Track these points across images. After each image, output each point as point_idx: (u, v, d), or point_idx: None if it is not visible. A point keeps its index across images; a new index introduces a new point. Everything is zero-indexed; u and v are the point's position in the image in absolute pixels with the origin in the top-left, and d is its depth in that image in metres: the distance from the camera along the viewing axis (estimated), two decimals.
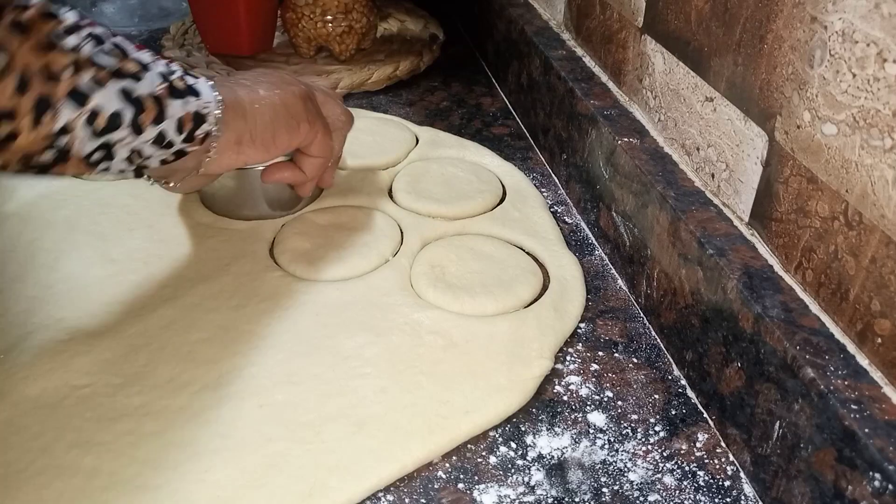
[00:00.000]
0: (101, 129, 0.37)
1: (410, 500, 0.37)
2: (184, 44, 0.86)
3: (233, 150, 0.45)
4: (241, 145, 0.46)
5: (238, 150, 0.46)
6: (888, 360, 0.32)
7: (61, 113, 0.35)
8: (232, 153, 0.45)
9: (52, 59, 0.35)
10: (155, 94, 0.39)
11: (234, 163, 0.47)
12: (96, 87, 0.37)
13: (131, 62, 0.39)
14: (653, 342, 0.47)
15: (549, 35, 0.69)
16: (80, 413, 0.40)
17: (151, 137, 0.40)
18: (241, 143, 0.45)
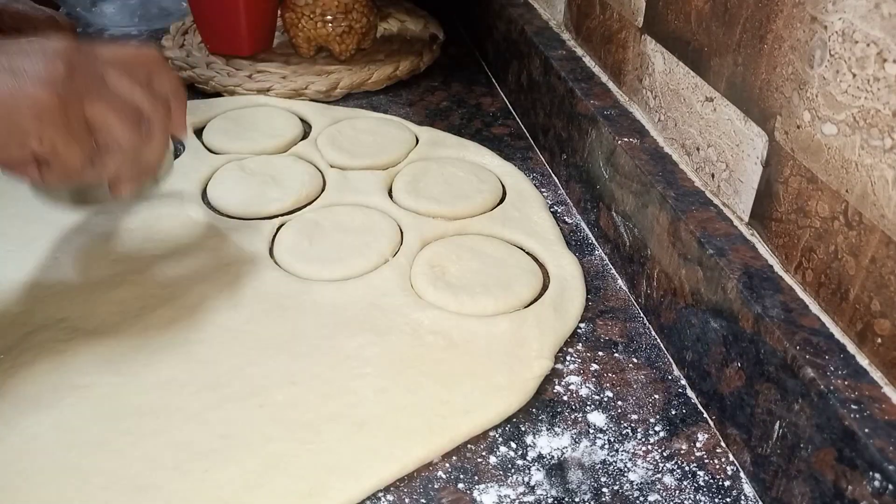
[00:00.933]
0: None
1: (410, 500, 0.37)
2: (184, 44, 0.86)
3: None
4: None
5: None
6: (888, 360, 0.32)
7: None
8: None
9: None
10: None
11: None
12: None
13: None
14: (653, 342, 0.47)
15: (549, 35, 0.69)
16: (80, 413, 0.40)
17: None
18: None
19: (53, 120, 0.37)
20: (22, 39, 0.40)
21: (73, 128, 0.38)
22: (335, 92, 0.76)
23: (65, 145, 0.38)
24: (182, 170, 0.62)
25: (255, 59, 0.83)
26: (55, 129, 0.38)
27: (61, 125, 0.38)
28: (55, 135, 0.38)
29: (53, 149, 0.38)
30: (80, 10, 0.94)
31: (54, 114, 0.37)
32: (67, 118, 0.38)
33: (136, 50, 0.43)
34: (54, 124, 0.37)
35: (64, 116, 0.38)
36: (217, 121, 0.69)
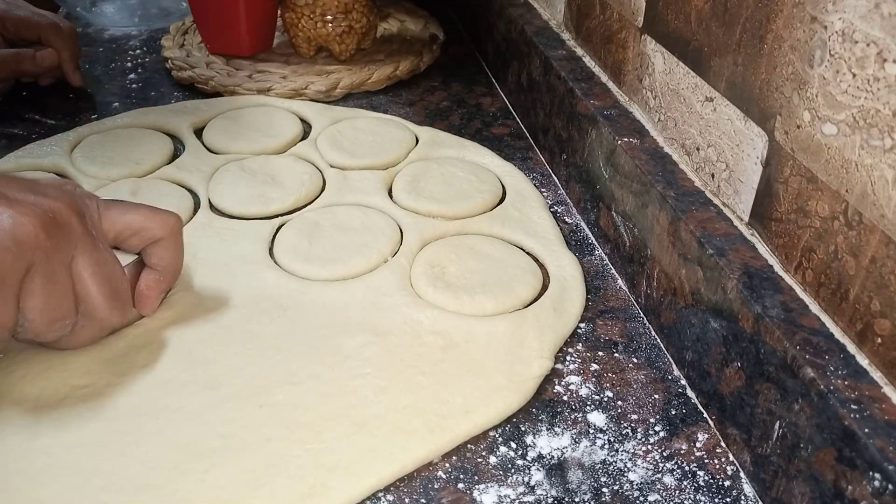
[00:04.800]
0: None
1: (410, 500, 0.37)
2: (183, 44, 0.86)
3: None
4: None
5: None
6: (888, 360, 0.32)
7: None
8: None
9: None
10: None
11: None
12: None
13: None
14: (653, 342, 0.47)
15: (549, 35, 0.69)
16: (80, 413, 0.40)
17: None
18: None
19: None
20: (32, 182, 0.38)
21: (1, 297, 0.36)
22: (335, 92, 0.76)
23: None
24: (182, 170, 0.62)
25: (255, 59, 0.83)
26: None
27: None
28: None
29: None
30: (80, 10, 0.94)
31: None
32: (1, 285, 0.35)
33: (148, 219, 0.42)
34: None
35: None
36: (217, 121, 0.69)
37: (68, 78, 0.76)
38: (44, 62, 0.74)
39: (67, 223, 0.37)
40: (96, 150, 0.64)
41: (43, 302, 0.37)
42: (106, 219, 0.41)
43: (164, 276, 0.44)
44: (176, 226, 0.43)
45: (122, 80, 0.81)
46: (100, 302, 0.39)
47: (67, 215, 0.38)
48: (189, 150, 0.65)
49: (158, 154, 0.64)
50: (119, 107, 0.74)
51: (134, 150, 0.64)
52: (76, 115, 0.73)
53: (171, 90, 0.79)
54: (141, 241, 0.42)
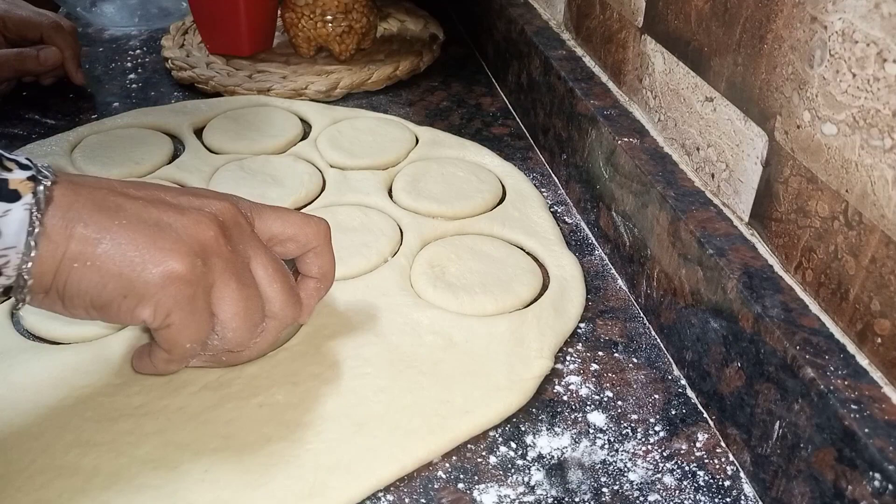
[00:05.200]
0: None
1: (410, 500, 0.37)
2: (183, 44, 0.86)
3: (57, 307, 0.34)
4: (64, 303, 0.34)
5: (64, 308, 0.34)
6: (888, 360, 0.32)
7: None
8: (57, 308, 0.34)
9: None
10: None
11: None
12: None
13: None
14: (653, 342, 0.47)
15: (549, 35, 0.69)
16: (80, 413, 0.40)
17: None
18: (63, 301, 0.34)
19: (178, 294, 0.33)
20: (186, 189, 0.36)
21: (196, 307, 0.34)
22: (335, 92, 0.76)
23: (180, 325, 0.34)
24: (182, 170, 0.62)
25: (255, 59, 0.83)
26: (175, 304, 0.33)
27: (184, 302, 0.34)
28: (174, 310, 0.34)
29: (166, 324, 0.34)
30: (80, 10, 0.94)
31: (182, 288, 0.33)
32: (194, 296, 0.34)
33: (304, 225, 0.40)
34: (176, 299, 0.33)
35: (191, 293, 0.34)
36: (217, 121, 0.69)
37: (71, 77, 0.76)
38: (47, 61, 0.74)
39: (238, 224, 0.36)
40: (96, 150, 0.64)
41: (242, 308, 0.35)
42: (259, 222, 0.39)
43: (322, 283, 0.42)
44: (329, 233, 0.42)
45: (122, 80, 0.81)
46: (283, 300, 0.38)
47: (235, 216, 0.37)
48: (189, 150, 0.65)
49: (158, 154, 0.64)
50: (119, 107, 0.74)
51: (134, 150, 0.64)
52: (76, 115, 0.73)
53: (171, 90, 0.79)
54: (297, 247, 0.40)
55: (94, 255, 0.32)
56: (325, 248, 0.41)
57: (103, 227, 0.32)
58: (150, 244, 0.33)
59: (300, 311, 0.40)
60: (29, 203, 0.31)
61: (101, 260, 0.32)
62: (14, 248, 0.31)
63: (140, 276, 0.33)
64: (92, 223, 0.32)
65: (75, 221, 0.32)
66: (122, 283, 0.33)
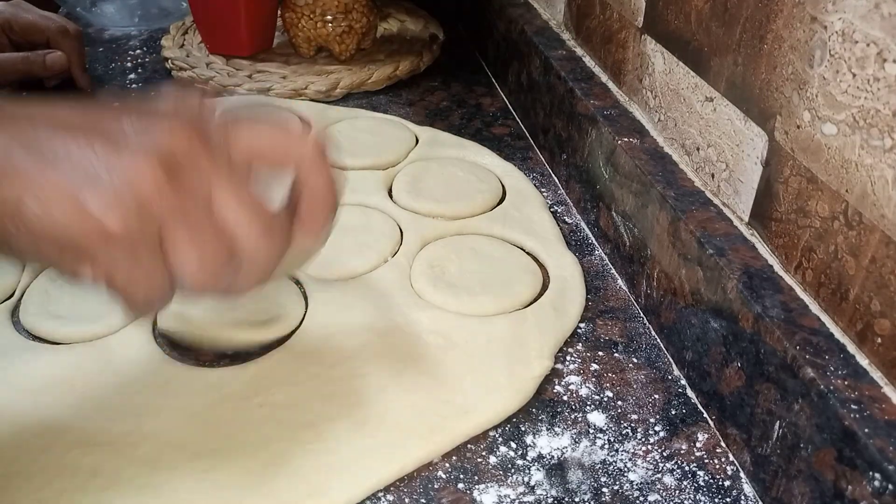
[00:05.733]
0: None
1: (410, 500, 0.37)
2: (183, 44, 0.86)
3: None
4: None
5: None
6: (888, 360, 0.32)
7: None
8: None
9: None
10: None
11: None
12: None
13: None
14: (653, 342, 0.47)
15: (549, 35, 0.69)
16: (80, 413, 0.40)
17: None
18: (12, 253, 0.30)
19: (114, 253, 0.30)
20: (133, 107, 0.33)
21: (139, 263, 0.30)
22: (335, 92, 0.76)
23: (125, 283, 0.31)
24: None
25: (255, 59, 0.83)
26: (113, 263, 0.30)
27: (122, 260, 0.30)
28: (113, 270, 0.30)
29: (109, 279, 0.31)
30: (80, 10, 0.94)
31: (116, 246, 0.30)
32: (134, 252, 0.30)
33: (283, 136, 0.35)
34: (113, 257, 0.30)
35: (128, 250, 0.30)
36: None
37: (77, 81, 0.76)
38: (54, 66, 0.74)
39: (193, 158, 0.32)
40: None
41: (194, 254, 0.31)
42: (236, 141, 0.34)
43: (322, 197, 0.36)
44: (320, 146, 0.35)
45: (122, 80, 0.81)
46: (254, 239, 0.33)
47: (190, 148, 0.32)
48: None
49: None
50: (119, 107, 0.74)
51: None
52: None
53: None
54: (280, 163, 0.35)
55: (26, 218, 0.29)
56: (317, 161, 0.35)
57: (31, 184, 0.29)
58: (80, 198, 0.29)
59: (280, 240, 0.34)
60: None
61: (34, 224, 0.29)
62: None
63: (71, 237, 0.29)
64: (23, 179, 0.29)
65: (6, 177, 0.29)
66: (59, 246, 0.29)
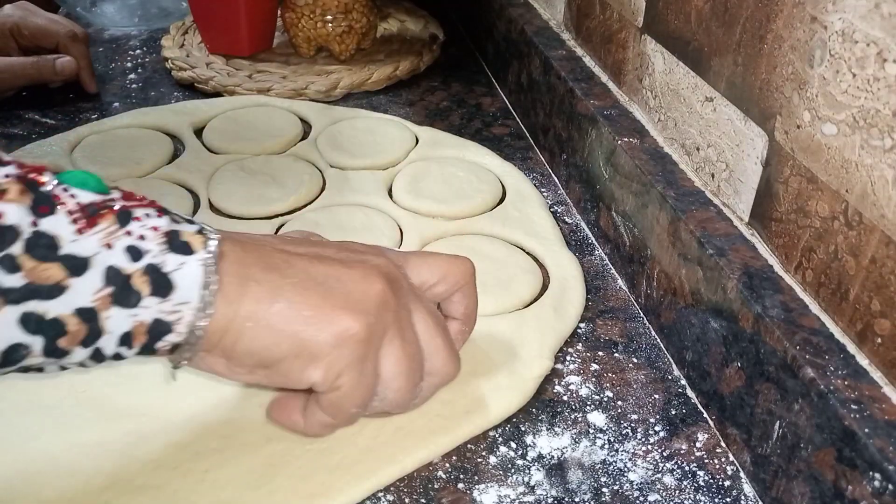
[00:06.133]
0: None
1: (410, 500, 0.37)
2: (183, 44, 0.86)
3: (219, 366, 0.33)
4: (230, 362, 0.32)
5: (227, 368, 0.33)
6: (888, 360, 0.32)
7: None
8: (219, 368, 0.33)
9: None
10: (86, 307, 0.28)
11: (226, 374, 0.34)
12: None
13: (51, 267, 0.27)
14: (653, 342, 0.47)
15: (549, 35, 0.69)
16: (80, 413, 0.40)
17: (83, 357, 0.29)
18: (229, 360, 0.32)
19: (351, 355, 0.32)
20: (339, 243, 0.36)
21: (365, 369, 0.32)
22: (335, 92, 0.76)
23: (348, 388, 0.32)
24: (182, 170, 0.62)
25: (255, 59, 0.83)
26: (347, 365, 0.32)
27: (355, 363, 0.32)
28: (345, 372, 0.32)
29: (336, 387, 0.32)
30: (80, 10, 0.94)
31: (355, 348, 0.32)
32: (365, 356, 0.32)
33: (450, 266, 0.38)
34: (349, 360, 0.32)
35: (363, 353, 0.32)
36: (217, 121, 0.69)
37: (85, 86, 0.76)
38: (64, 71, 0.74)
39: (398, 277, 0.35)
40: (96, 150, 0.64)
41: (405, 367, 0.33)
42: (409, 270, 0.37)
43: (466, 324, 0.40)
44: (472, 271, 0.39)
45: (122, 80, 0.81)
46: (444, 357, 0.36)
47: (394, 269, 0.35)
48: (189, 150, 0.65)
49: (158, 154, 0.64)
50: (119, 107, 0.74)
51: (134, 150, 0.64)
52: (76, 115, 0.73)
53: (171, 90, 0.79)
54: (445, 290, 0.38)
55: (269, 314, 0.31)
56: (471, 287, 0.39)
57: (276, 286, 0.31)
58: (323, 302, 0.31)
59: (458, 367, 0.37)
60: (203, 258, 0.30)
61: (276, 319, 0.31)
62: (188, 303, 0.29)
63: (314, 337, 0.31)
64: (265, 281, 0.31)
65: (248, 279, 0.31)
66: (295, 343, 0.31)
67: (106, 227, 0.28)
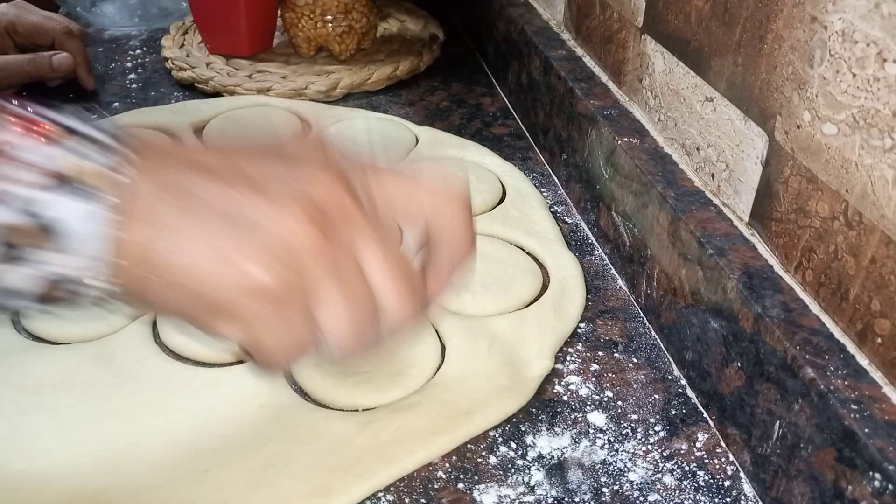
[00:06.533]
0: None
1: (410, 500, 0.37)
2: (183, 44, 0.86)
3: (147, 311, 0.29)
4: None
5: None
6: (888, 360, 0.32)
7: None
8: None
9: None
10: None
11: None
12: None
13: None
14: (653, 342, 0.47)
15: (549, 35, 0.69)
16: (79, 413, 0.40)
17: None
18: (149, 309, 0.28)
19: (262, 310, 0.28)
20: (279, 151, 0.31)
21: (286, 322, 0.29)
22: (335, 92, 0.76)
23: (269, 342, 0.29)
24: None
25: (255, 59, 0.83)
26: (261, 320, 0.28)
27: (270, 318, 0.28)
28: (259, 328, 0.28)
29: (253, 337, 0.29)
30: (80, 10, 0.94)
31: (266, 303, 0.28)
32: (283, 309, 0.28)
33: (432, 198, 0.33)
34: (261, 315, 0.28)
35: (278, 307, 0.28)
36: (217, 121, 0.69)
37: (82, 82, 0.76)
38: (61, 67, 0.74)
39: (342, 210, 0.30)
40: None
41: (344, 314, 0.29)
42: (378, 189, 0.32)
43: (453, 254, 0.34)
44: (467, 202, 0.34)
45: (122, 80, 0.81)
46: (396, 298, 0.31)
47: (339, 199, 0.30)
48: None
49: None
50: (119, 107, 0.74)
51: None
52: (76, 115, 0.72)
53: (171, 90, 0.79)
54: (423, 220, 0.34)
55: (170, 268, 0.27)
56: (459, 211, 0.33)
57: (177, 232, 0.27)
58: (230, 251, 0.27)
59: (423, 303, 0.32)
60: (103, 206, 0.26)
61: (177, 274, 0.27)
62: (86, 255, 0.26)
63: (215, 290, 0.27)
64: (169, 228, 0.27)
65: (157, 227, 0.27)
66: (201, 299, 0.28)
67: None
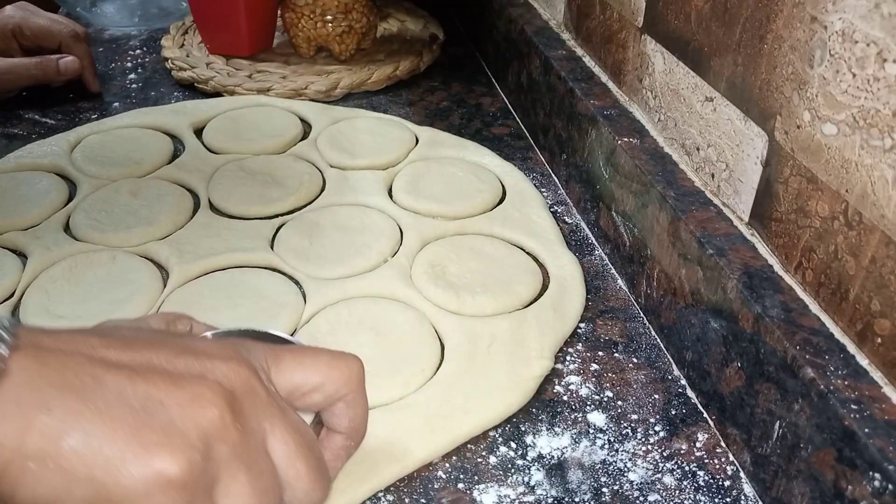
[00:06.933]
0: None
1: (410, 500, 0.37)
2: (183, 44, 0.86)
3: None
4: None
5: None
6: (888, 360, 0.32)
7: None
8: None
9: None
10: None
11: None
12: None
13: None
14: (653, 342, 0.47)
15: (549, 35, 0.69)
16: None
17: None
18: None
19: (170, 501, 0.25)
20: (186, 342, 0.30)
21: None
22: (335, 92, 0.76)
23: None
24: (182, 170, 0.62)
25: (255, 59, 0.83)
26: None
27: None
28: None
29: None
30: (80, 10, 0.94)
31: (174, 495, 0.25)
32: (191, 501, 0.26)
33: (330, 370, 0.33)
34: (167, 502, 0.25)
35: (187, 498, 0.26)
36: (217, 121, 0.69)
37: (88, 85, 0.76)
38: (68, 71, 0.74)
39: (251, 390, 0.29)
40: (96, 150, 0.64)
41: (251, 500, 0.28)
42: (276, 373, 0.32)
43: (351, 438, 0.34)
44: (362, 376, 0.34)
45: (122, 80, 0.81)
46: (307, 481, 0.30)
47: (248, 381, 0.29)
48: (189, 150, 0.65)
49: (158, 154, 0.64)
50: (119, 107, 0.74)
51: (134, 150, 0.64)
52: (76, 115, 0.73)
53: (171, 90, 0.79)
54: (323, 398, 0.33)
55: (58, 452, 0.24)
56: (357, 396, 0.34)
57: (72, 414, 0.25)
58: (134, 436, 0.25)
59: (325, 494, 0.32)
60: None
61: (67, 459, 0.24)
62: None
63: (117, 481, 0.25)
64: (58, 408, 0.24)
65: (36, 407, 0.24)
66: (93, 490, 0.25)
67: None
